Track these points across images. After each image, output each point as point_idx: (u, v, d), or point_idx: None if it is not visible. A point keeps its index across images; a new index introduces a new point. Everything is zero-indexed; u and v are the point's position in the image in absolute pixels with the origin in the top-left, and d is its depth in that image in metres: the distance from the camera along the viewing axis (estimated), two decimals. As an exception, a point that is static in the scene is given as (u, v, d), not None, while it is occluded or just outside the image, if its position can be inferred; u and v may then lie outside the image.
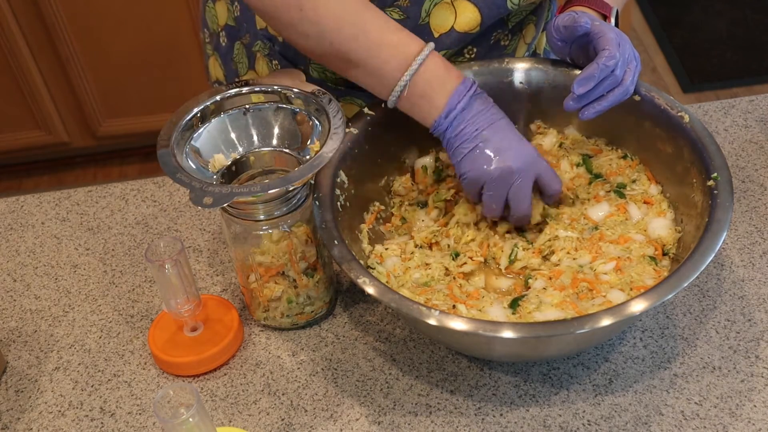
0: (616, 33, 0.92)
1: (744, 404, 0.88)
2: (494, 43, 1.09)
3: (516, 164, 0.91)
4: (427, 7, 1.01)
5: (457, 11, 1.01)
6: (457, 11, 1.01)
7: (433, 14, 1.01)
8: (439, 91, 0.91)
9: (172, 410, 0.72)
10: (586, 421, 0.88)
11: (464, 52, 1.08)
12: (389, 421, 0.89)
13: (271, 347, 0.98)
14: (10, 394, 0.96)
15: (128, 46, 2.39)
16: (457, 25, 1.02)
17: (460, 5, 1.01)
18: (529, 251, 0.96)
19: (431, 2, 1.00)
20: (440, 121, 0.91)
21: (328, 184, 0.93)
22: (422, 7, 1.01)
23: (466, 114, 0.91)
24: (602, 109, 0.92)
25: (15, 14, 2.30)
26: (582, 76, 0.90)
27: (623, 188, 1.00)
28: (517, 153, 0.91)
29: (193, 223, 1.14)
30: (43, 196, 1.20)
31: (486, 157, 0.91)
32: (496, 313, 0.89)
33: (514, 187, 0.92)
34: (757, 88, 2.75)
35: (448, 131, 0.92)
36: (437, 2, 1.00)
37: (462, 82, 0.91)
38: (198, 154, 0.91)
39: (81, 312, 1.04)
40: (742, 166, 1.14)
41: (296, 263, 0.92)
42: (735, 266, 1.01)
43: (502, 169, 0.91)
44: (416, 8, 1.01)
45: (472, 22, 1.02)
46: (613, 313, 0.79)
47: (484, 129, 0.91)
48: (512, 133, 0.92)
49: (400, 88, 0.91)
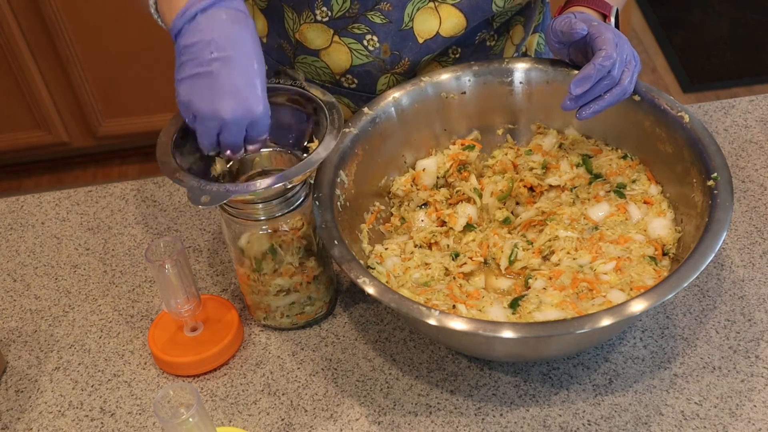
0: (614, 33, 0.92)
1: (744, 404, 0.88)
2: (479, 44, 1.09)
3: (228, 114, 0.81)
4: (411, 12, 1.00)
5: (442, 16, 1.01)
6: (442, 16, 1.01)
7: (417, 19, 1.01)
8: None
9: (172, 410, 0.72)
10: (586, 421, 0.88)
11: (449, 52, 1.08)
12: (389, 421, 0.89)
13: (271, 347, 0.97)
14: (10, 394, 0.96)
15: (128, 47, 2.39)
16: (443, 31, 1.02)
17: (444, 10, 1.00)
18: (529, 251, 0.96)
19: (414, 6, 1.00)
20: (175, 23, 0.82)
21: (328, 184, 0.93)
22: (405, 12, 1.00)
23: (206, 21, 0.81)
24: (600, 110, 0.92)
25: (15, 14, 2.30)
26: (579, 76, 0.90)
27: (623, 188, 1.00)
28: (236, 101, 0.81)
29: (193, 223, 1.14)
30: (43, 196, 1.20)
31: (206, 92, 0.81)
32: (496, 313, 0.89)
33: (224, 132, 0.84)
34: (757, 88, 2.74)
35: (181, 38, 0.82)
36: (421, 6, 1.00)
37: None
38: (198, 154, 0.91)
39: (81, 312, 1.04)
40: (742, 166, 1.14)
41: (296, 263, 0.92)
42: (735, 266, 1.01)
43: (214, 113, 0.82)
44: (399, 12, 1.00)
45: (457, 27, 1.02)
46: (613, 313, 0.79)
47: (219, 58, 0.80)
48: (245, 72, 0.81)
49: None
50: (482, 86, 1.04)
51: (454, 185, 1.03)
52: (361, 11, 1.01)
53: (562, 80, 1.02)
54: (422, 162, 1.05)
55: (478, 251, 0.97)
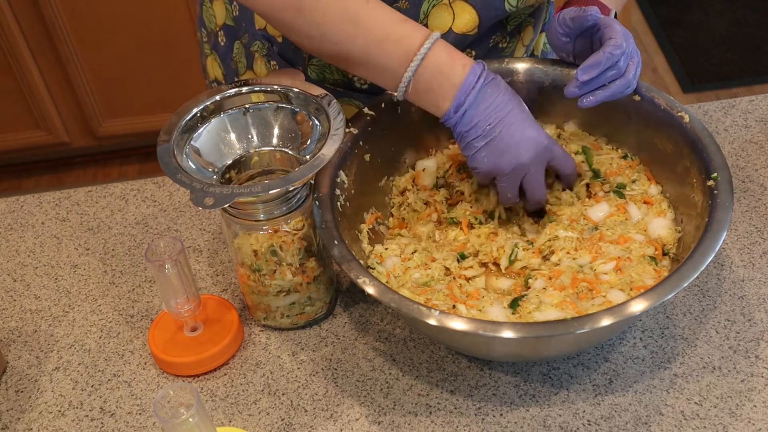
0: (621, 26, 0.92)
1: (744, 404, 0.88)
2: (493, 46, 1.09)
3: (527, 157, 0.91)
4: (426, 9, 1.01)
5: (455, 13, 1.01)
6: (455, 13, 1.01)
7: (432, 15, 1.01)
8: (445, 84, 0.89)
9: (172, 410, 0.72)
10: (586, 421, 0.88)
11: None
12: (389, 421, 0.89)
13: (271, 347, 0.98)
14: (10, 394, 0.96)
15: (128, 46, 2.39)
16: (455, 27, 1.02)
17: (458, 6, 1.01)
18: (529, 251, 0.96)
19: (429, 3, 1.00)
20: (450, 115, 0.90)
21: (328, 184, 0.93)
22: (421, 9, 1.01)
23: (477, 107, 0.90)
24: (603, 99, 0.92)
25: (15, 14, 2.30)
26: (587, 63, 0.90)
27: (623, 188, 1.00)
28: (528, 145, 0.91)
29: (193, 223, 1.14)
30: (43, 196, 1.20)
31: (498, 152, 0.91)
32: (496, 313, 0.89)
33: (527, 177, 0.93)
34: (757, 88, 2.75)
35: (459, 126, 0.91)
36: (436, 3, 1.00)
37: (470, 71, 0.89)
38: (198, 154, 0.91)
39: (81, 312, 1.04)
40: (742, 166, 1.14)
41: (296, 264, 0.92)
42: (735, 266, 1.01)
43: (515, 165, 0.91)
44: (415, 10, 1.01)
45: (470, 23, 1.02)
46: (613, 313, 0.79)
47: (496, 124, 0.90)
48: (524, 122, 0.91)
49: (404, 84, 0.90)
50: (482, 86, 1.04)
51: (454, 185, 1.03)
52: None
53: (562, 80, 1.02)
54: (422, 162, 1.05)
55: (485, 251, 0.97)
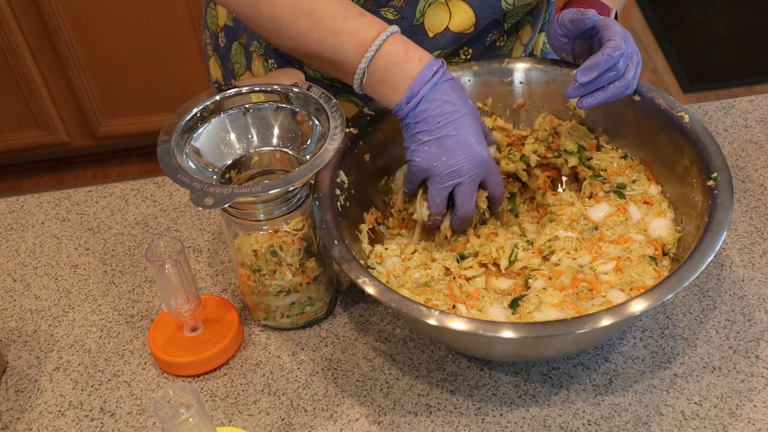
0: (621, 27, 0.92)
1: (744, 404, 0.88)
2: (490, 44, 1.09)
3: (465, 166, 0.90)
4: (422, 7, 1.01)
5: (452, 11, 1.01)
6: (452, 11, 1.01)
7: (428, 14, 1.01)
8: (399, 77, 0.89)
9: (172, 410, 0.72)
10: (586, 421, 0.88)
11: (460, 53, 1.08)
12: (389, 421, 0.89)
13: (271, 347, 0.98)
14: (10, 394, 0.96)
15: (128, 46, 2.39)
16: (452, 25, 1.02)
17: (454, 5, 1.01)
18: (529, 251, 0.96)
19: (426, 2, 1.00)
20: (401, 106, 0.89)
21: (328, 184, 0.93)
22: (417, 8, 1.01)
23: (429, 101, 0.88)
24: (602, 100, 0.92)
25: (15, 14, 2.30)
26: (586, 64, 0.90)
27: (623, 188, 1.00)
28: (470, 154, 0.89)
29: (193, 223, 1.14)
30: (43, 196, 1.20)
31: (439, 152, 0.89)
32: (496, 313, 0.89)
33: (460, 187, 0.91)
34: (757, 88, 2.75)
35: (408, 117, 0.89)
36: (432, 2, 1.01)
37: (427, 64, 0.89)
38: (198, 154, 0.91)
39: (81, 312, 1.04)
40: (742, 166, 1.14)
41: (296, 264, 0.92)
42: (735, 266, 1.01)
43: (452, 169, 0.90)
44: (411, 8, 1.01)
45: (466, 22, 1.02)
46: (613, 313, 0.79)
47: (445, 124, 0.88)
48: (473, 133, 0.90)
49: (359, 77, 0.90)
50: (482, 86, 1.04)
51: None
52: (375, 7, 1.01)
53: (562, 80, 1.02)
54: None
55: (484, 251, 0.97)
